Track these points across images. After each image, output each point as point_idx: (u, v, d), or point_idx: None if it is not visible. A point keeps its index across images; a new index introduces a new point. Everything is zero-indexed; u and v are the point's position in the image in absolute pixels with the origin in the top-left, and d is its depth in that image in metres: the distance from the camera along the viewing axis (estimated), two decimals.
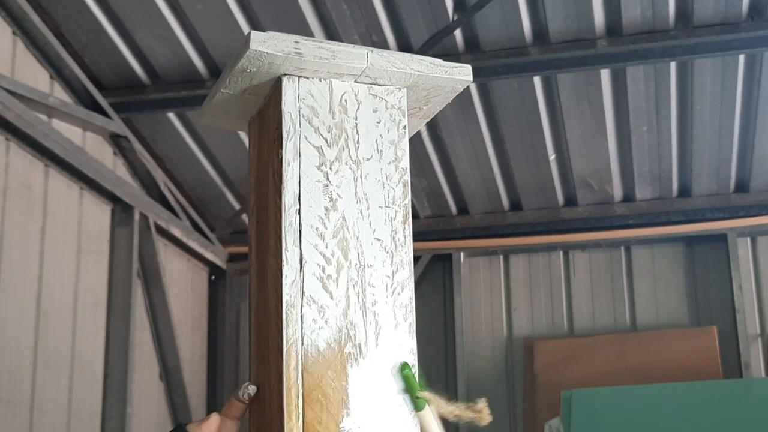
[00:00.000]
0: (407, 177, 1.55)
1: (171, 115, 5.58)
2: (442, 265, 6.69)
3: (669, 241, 6.47)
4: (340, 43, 1.50)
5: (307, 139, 1.49)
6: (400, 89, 1.56)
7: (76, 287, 5.01)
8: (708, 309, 6.31)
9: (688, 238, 6.42)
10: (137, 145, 5.57)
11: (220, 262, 6.64)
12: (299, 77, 1.50)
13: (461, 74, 1.56)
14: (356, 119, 1.53)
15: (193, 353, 6.31)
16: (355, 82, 1.54)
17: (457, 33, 4.95)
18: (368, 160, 1.52)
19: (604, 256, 6.55)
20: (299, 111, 1.49)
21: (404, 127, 1.56)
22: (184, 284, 6.29)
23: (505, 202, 6.54)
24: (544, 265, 6.59)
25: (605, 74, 5.33)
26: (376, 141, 1.54)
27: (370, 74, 1.52)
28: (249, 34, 1.41)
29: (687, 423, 5.24)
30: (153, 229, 5.62)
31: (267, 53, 1.44)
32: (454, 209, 6.64)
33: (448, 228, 6.68)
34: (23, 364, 4.52)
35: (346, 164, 1.51)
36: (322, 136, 1.50)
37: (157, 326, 5.76)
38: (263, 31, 1.43)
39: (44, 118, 4.73)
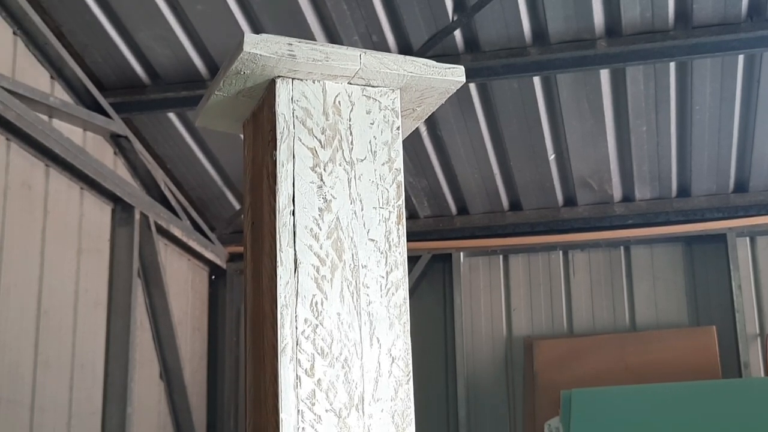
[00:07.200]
0: (401, 178, 1.55)
1: (171, 115, 5.59)
2: (442, 265, 6.69)
3: (668, 241, 6.47)
4: (333, 45, 1.50)
5: (300, 140, 1.50)
6: (393, 90, 1.57)
7: (77, 287, 5.02)
8: (707, 309, 6.31)
9: (687, 238, 6.42)
10: (138, 145, 5.58)
11: (220, 261, 6.65)
12: (293, 79, 1.51)
13: (454, 75, 1.57)
14: (350, 120, 1.54)
15: (193, 353, 6.31)
16: (348, 83, 1.55)
17: (457, 33, 4.96)
18: (362, 161, 1.53)
19: (603, 255, 6.55)
20: (293, 112, 1.50)
21: (398, 128, 1.57)
22: (184, 284, 6.30)
23: (505, 202, 6.55)
24: (544, 265, 6.60)
25: (605, 74, 5.34)
26: (370, 142, 1.54)
27: (363, 76, 1.53)
28: (242, 36, 1.42)
29: (686, 423, 5.24)
30: (153, 228, 5.62)
31: (260, 55, 1.44)
32: (453, 209, 6.65)
33: (447, 228, 6.68)
34: (24, 363, 4.53)
35: (339, 165, 1.51)
36: (315, 137, 1.51)
37: (158, 326, 5.77)
38: (263, 31, 1.44)
39: (45, 118, 4.74)
